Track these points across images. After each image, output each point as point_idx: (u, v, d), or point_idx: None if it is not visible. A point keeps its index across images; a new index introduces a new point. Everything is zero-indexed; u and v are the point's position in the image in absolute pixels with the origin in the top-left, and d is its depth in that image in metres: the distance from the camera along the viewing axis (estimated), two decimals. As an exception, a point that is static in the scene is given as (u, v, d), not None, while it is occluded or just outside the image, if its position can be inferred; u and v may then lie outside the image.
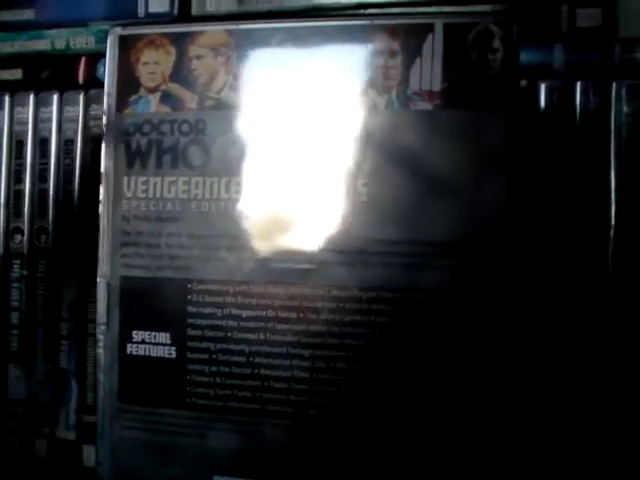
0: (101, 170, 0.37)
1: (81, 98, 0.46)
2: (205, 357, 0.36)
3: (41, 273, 0.46)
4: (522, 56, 0.35)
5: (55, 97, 0.46)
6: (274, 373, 0.35)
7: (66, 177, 0.46)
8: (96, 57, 0.45)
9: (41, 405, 0.46)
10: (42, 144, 0.46)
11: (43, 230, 0.46)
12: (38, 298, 0.46)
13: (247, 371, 0.35)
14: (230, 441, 0.36)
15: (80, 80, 0.46)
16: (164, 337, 0.36)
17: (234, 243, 0.36)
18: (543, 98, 0.39)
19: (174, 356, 0.36)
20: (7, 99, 0.47)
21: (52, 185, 0.46)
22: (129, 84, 0.37)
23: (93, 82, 0.45)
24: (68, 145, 0.46)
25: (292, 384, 0.35)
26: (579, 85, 0.39)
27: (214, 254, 0.36)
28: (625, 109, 0.38)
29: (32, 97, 0.47)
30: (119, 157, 0.37)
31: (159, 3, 0.44)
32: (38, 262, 0.47)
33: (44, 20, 0.47)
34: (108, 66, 0.37)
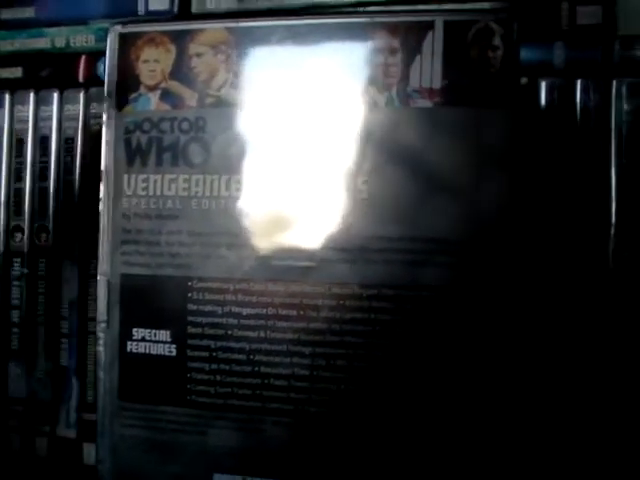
0: (101, 168, 0.38)
1: (81, 96, 0.46)
2: (205, 355, 0.36)
3: (41, 271, 0.46)
4: (522, 54, 0.35)
5: (55, 95, 0.46)
6: (274, 371, 0.35)
7: (66, 175, 0.46)
8: (96, 55, 0.45)
9: (41, 403, 0.46)
10: (42, 142, 0.46)
11: (43, 228, 0.46)
12: (38, 296, 0.46)
13: (247, 369, 0.35)
14: (230, 439, 0.36)
15: (80, 78, 0.46)
16: (164, 335, 0.36)
17: (234, 241, 0.36)
18: (543, 96, 0.39)
19: (174, 354, 0.36)
20: (7, 97, 0.47)
21: (52, 183, 0.46)
22: (129, 82, 0.37)
23: (93, 80, 0.45)
24: (68, 143, 0.46)
25: (292, 382, 0.35)
26: (579, 83, 0.39)
27: (214, 252, 0.36)
28: (625, 107, 0.38)
29: (32, 95, 0.47)
30: (119, 155, 0.37)
31: (159, 1, 0.44)
32: (38, 260, 0.46)
33: (44, 18, 0.47)
34: (108, 64, 0.37)
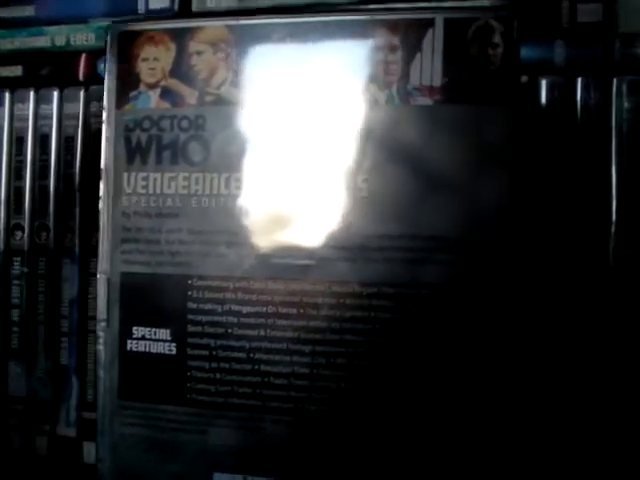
0: (101, 166, 0.37)
1: (81, 95, 0.46)
2: (205, 353, 0.36)
3: (41, 270, 0.46)
4: (523, 52, 0.35)
5: (55, 94, 0.46)
6: (274, 369, 0.35)
7: (67, 174, 0.46)
8: (96, 54, 0.45)
9: (41, 402, 0.46)
10: (42, 141, 0.46)
11: (44, 227, 0.46)
12: (38, 295, 0.46)
13: (247, 367, 0.35)
14: (230, 437, 0.36)
15: (80, 77, 0.46)
16: (164, 333, 0.36)
17: (234, 239, 0.36)
18: (544, 94, 0.39)
19: (174, 352, 0.36)
20: (7, 96, 0.47)
21: (53, 182, 0.46)
22: (129, 80, 0.37)
23: (93, 79, 0.45)
24: (68, 142, 0.46)
25: (292, 380, 0.35)
26: (580, 81, 0.39)
27: (214, 250, 0.36)
28: (626, 105, 0.38)
29: (32, 94, 0.47)
30: (119, 153, 0.37)
31: (159, -1, 0.45)
32: (38, 259, 0.46)
33: (44, 17, 0.47)
34: (108, 62, 0.37)
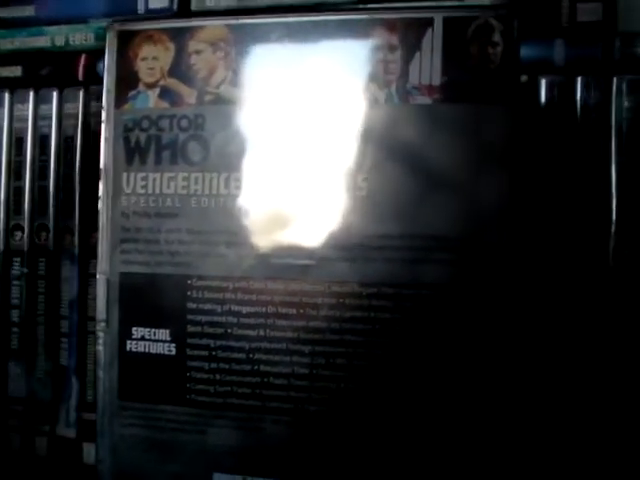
0: (100, 166, 0.37)
1: (81, 95, 0.46)
2: (205, 354, 0.36)
3: (41, 271, 0.46)
4: (522, 51, 0.34)
5: (55, 94, 0.46)
6: (274, 369, 0.35)
7: (66, 174, 0.46)
8: (96, 54, 0.45)
9: (41, 403, 0.46)
10: (42, 141, 0.46)
11: (43, 227, 0.46)
12: (38, 296, 0.46)
13: (247, 367, 0.35)
14: (230, 438, 0.36)
15: (80, 77, 0.46)
16: (164, 334, 0.36)
17: (234, 239, 0.35)
18: (544, 93, 0.39)
19: (174, 353, 0.36)
20: (7, 96, 0.47)
21: (52, 182, 0.46)
22: (128, 80, 0.37)
23: (93, 79, 0.45)
24: (68, 142, 0.46)
25: (292, 380, 0.35)
26: (580, 80, 0.39)
27: (214, 250, 0.36)
28: (626, 104, 0.38)
29: (32, 94, 0.46)
30: (118, 153, 0.37)
31: (159, -1, 0.45)
32: (38, 260, 0.46)
33: (44, 17, 0.47)
34: (107, 62, 0.37)
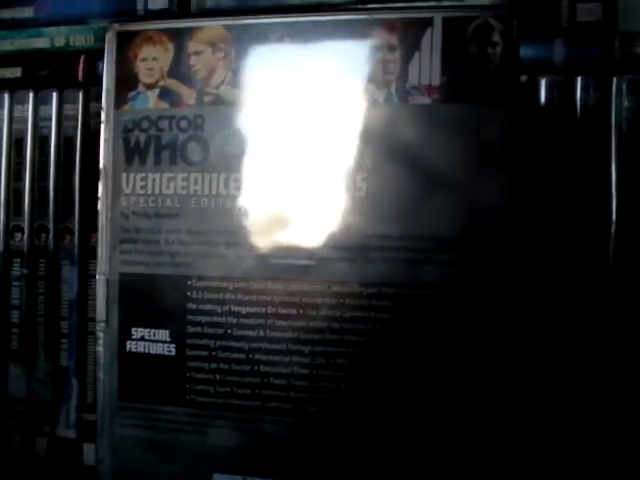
0: (100, 167, 0.37)
1: (80, 96, 0.46)
2: (205, 354, 0.36)
3: (41, 271, 0.46)
4: (522, 51, 0.34)
5: (55, 95, 0.46)
6: (274, 370, 0.35)
7: (66, 175, 0.46)
8: (96, 55, 0.45)
9: (41, 403, 0.46)
10: (42, 142, 0.46)
11: (43, 228, 0.46)
12: (38, 296, 0.46)
13: (247, 368, 0.35)
14: (230, 438, 0.36)
15: (80, 78, 0.46)
16: (164, 334, 0.36)
17: (233, 239, 0.35)
18: (543, 93, 0.39)
19: (174, 353, 0.36)
20: (7, 97, 0.47)
21: (52, 183, 0.46)
22: (127, 80, 0.37)
23: (93, 80, 0.45)
24: (68, 143, 0.46)
25: (292, 380, 0.35)
26: (579, 80, 0.39)
27: (213, 250, 0.36)
28: (626, 104, 0.38)
29: (32, 95, 0.47)
30: (117, 153, 0.37)
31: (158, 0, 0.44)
32: (38, 261, 0.46)
33: (43, 18, 0.47)
34: (106, 62, 0.37)
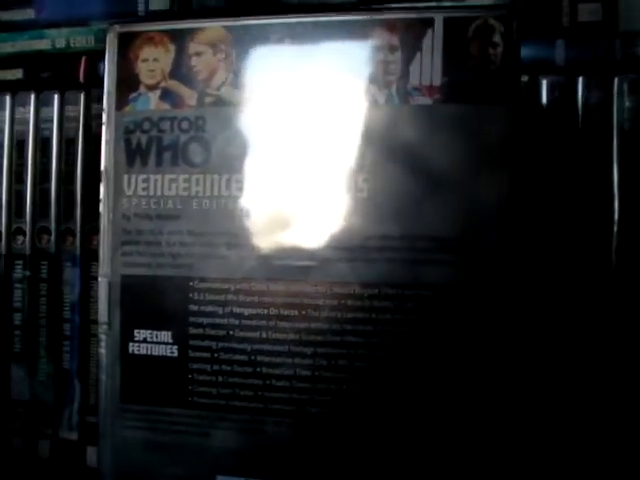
0: (101, 168, 0.37)
1: (82, 97, 0.46)
2: (207, 356, 0.36)
3: (43, 274, 0.46)
4: (523, 51, 0.34)
5: (56, 96, 0.46)
6: (276, 371, 0.35)
7: (67, 177, 0.46)
8: (97, 56, 0.45)
9: (44, 406, 0.46)
10: (43, 144, 0.46)
11: (45, 230, 0.46)
12: (40, 299, 0.46)
13: (249, 369, 0.35)
14: (232, 440, 0.36)
15: (81, 79, 0.46)
16: (166, 336, 0.36)
17: (235, 240, 0.35)
18: (545, 94, 0.39)
19: (176, 355, 0.36)
20: (8, 99, 0.47)
21: (54, 185, 0.46)
22: (129, 81, 0.37)
23: (94, 81, 0.45)
24: (69, 144, 0.46)
25: (294, 382, 0.35)
26: (581, 80, 0.39)
27: (215, 252, 0.36)
28: (627, 104, 0.38)
29: (33, 97, 0.47)
30: (119, 155, 0.37)
31: (160, 0, 0.44)
32: (40, 263, 0.46)
33: (44, 19, 0.47)
34: (107, 64, 0.37)
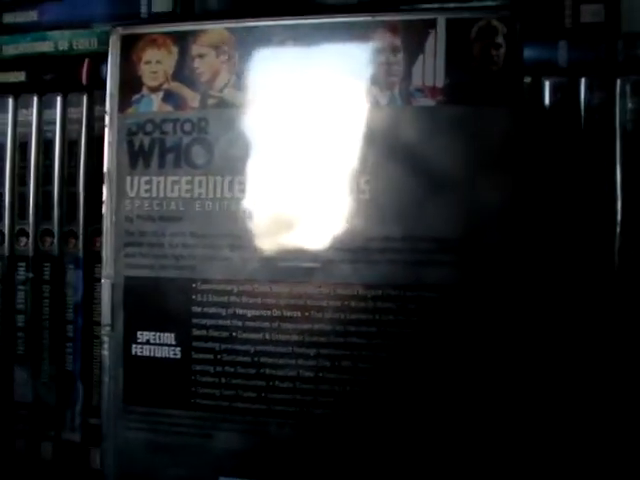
0: (104, 170, 0.37)
1: (84, 99, 0.46)
2: (210, 357, 0.36)
3: (46, 275, 0.46)
4: (526, 53, 0.34)
5: (59, 99, 0.46)
6: (279, 373, 0.35)
7: (70, 179, 0.46)
8: (100, 58, 0.45)
9: (47, 407, 0.46)
10: (46, 146, 0.46)
11: (48, 232, 0.46)
12: (43, 300, 0.46)
13: (252, 371, 0.35)
14: (235, 441, 0.36)
15: (84, 81, 0.46)
16: (169, 337, 0.36)
17: (238, 242, 0.35)
18: (547, 95, 0.39)
19: (179, 356, 0.36)
20: (11, 101, 0.47)
21: (57, 187, 0.46)
22: (131, 83, 0.37)
23: (96, 83, 0.45)
24: (72, 146, 0.46)
25: (297, 384, 0.35)
26: (583, 81, 0.39)
27: (218, 253, 0.36)
28: (629, 105, 0.38)
29: (36, 99, 0.47)
30: (122, 157, 0.37)
31: (162, 3, 0.44)
32: (43, 265, 0.46)
33: (47, 22, 0.47)
34: (110, 66, 0.37)
